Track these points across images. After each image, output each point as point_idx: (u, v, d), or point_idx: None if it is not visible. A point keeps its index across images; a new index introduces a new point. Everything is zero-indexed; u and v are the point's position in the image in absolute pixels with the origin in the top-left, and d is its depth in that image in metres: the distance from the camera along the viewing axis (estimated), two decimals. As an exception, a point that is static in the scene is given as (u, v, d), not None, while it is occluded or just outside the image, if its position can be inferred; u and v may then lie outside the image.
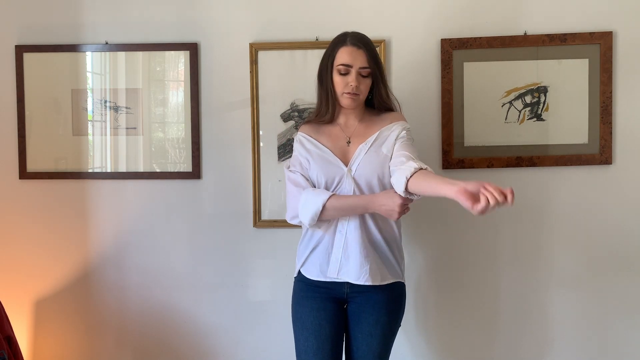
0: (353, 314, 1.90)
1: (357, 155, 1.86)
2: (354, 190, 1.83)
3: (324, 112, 1.91)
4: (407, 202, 1.74)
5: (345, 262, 1.85)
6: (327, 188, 1.85)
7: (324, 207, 1.79)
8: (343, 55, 1.82)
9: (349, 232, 1.85)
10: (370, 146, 1.86)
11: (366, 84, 1.85)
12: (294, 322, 1.95)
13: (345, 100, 1.85)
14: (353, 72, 1.81)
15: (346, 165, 1.86)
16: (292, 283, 2.35)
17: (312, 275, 1.92)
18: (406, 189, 1.68)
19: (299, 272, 1.98)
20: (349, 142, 1.90)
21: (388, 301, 1.89)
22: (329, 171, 1.85)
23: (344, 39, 1.84)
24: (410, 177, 1.67)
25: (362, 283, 1.84)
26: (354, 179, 1.84)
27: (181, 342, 2.49)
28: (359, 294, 1.88)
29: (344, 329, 1.93)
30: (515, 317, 2.40)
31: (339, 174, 1.85)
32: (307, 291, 1.92)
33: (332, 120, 1.92)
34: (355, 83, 1.81)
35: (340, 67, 1.82)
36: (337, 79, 1.84)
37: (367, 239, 1.85)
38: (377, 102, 1.92)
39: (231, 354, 2.48)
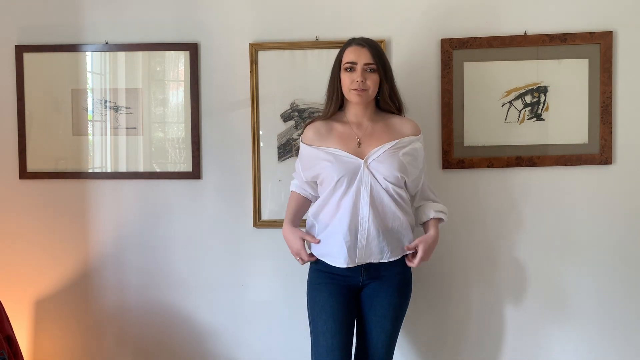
0: (367, 298, 2.00)
1: (374, 153, 1.94)
2: (371, 182, 1.91)
3: (327, 110, 2.03)
4: (303, 254, 1.99)
5: (367, 247, 1.94)
6: (343, 184, 1.92)
7: None
8: (349, 54, 1.96)
9: (370, 221, 1.92)
10: (389, 148, 1.94)
11: (373, 79, 1.95)
12: (311, 306, 2.02)
13: (353, 97, 1.96)
14: (358, 68, 1.94)
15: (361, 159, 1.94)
16: (292, 283, 2.36)
17: (335, 263, 1.96)
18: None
19: (318, 261, 2.02)
20: (359, 144, 1.96)
21: (400, 284, 2.01)
22: (345, 168, 1.92)
23: (350, 41, 1.99)
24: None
25: (385, 260, 1.95)
26: (369, 169, 1.91)
27: (181, 342, 2.49)
28: (373, 280, 1.98)
29: (357, 315, 2.03)
30: (515, 314, 2.41)
31: (356, 167, 1.92)
32: (324, 278, 2.00)
33: (334, 112, 2.02)
34: (361, 78, 1.92)
35: (347, 64, 1.95)
36: (344, 77, 1.96)
37: (385, 226, 1.94)
38: (382, 100, 2.03)
39: (231, 354, 2.48)
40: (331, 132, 2.00)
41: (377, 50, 1.95)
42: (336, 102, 2.01)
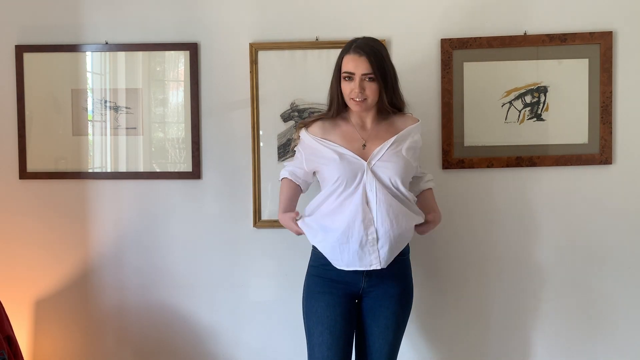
0: (369, 308, 1.96)
1: (377, 153, 1.90)
2: (375, 184, 1.86)
3: (329, 114, 1.98)
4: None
5: (381, 252, 1.88)
6: (346, 185, 1.88)
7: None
8: (347, 63, 1.89)
9: (380, 227, 1.86)
10: (390, 146, 1.91)
11: (372, 88, 1.88)
12: (307, 315, 1.98)
13: (352, 106, 1.93)
14: (356, 79, 1.87)
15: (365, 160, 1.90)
16: (292, 283, 2.35)
17: (344, 266, 1.90)
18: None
19: (317, 265, 1.98)
20: (364, 146, 1.93)
21: (402, 293, 1.98)
22: (350, 169, 1.88)
23: (349, 46, 1.90)
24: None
25: (384, 266, 1.88)
26: (373, 171, 1.87)
27: (181, 342, 2.49)
28: (374, 287, 1.94)
29: (356, 325, 1.99)
30: (515, 315, 2.41)
31: (359, 169, 1.88)
32: (323, 286, 1.96)
33: (336, 114, 1.97)
34: (358, 89, 1.87)
35: (345, 74, 1.89)
36: (343, 85, 1.91)
37: (398, 232, 1.88)
38: (382, 106, 1.95)
39: (231, 354, 2.48)
40: (335, 129, 1.96)
41: (376, 58, 1.85)
42: (337, 107, 1.95)
